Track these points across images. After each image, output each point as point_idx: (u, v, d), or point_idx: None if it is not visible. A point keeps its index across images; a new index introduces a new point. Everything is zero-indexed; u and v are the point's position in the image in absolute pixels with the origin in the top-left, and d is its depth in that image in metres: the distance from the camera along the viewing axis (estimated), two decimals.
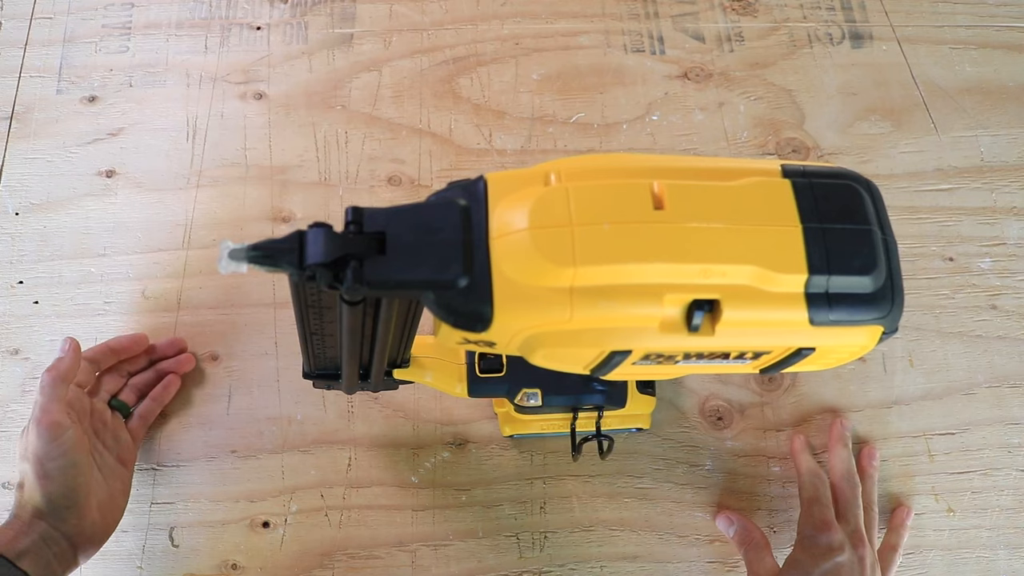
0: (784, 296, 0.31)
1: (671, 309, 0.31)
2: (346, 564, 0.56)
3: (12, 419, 0.60)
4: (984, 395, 0.60)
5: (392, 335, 0.40)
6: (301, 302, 0.37)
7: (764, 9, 0.74)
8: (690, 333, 0.31)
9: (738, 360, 0.34)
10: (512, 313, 0.30)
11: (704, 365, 0.35)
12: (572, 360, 0.34)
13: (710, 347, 0.32)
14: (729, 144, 0.68)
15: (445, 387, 0.51)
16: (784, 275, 0.31)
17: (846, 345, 0.34)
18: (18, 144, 0.68)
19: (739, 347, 0.33)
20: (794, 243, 0.31)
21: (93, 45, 0.72)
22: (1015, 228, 0.65)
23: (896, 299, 0.34)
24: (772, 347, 0.33)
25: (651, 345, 0.32)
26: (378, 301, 0.35)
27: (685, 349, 0.32)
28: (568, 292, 0.30)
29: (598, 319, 0.31)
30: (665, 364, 0.34)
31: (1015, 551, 0.56)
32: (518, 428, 0.56)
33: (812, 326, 0.32)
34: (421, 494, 0.57)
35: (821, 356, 0.34)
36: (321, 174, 0.67)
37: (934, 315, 0.63)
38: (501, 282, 0.30)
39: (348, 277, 0.30)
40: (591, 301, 0.30)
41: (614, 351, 0.32)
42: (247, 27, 0.73)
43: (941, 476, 0.58)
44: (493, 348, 0.33)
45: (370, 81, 0.70)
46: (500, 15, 0.73)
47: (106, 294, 0.63)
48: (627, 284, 0.30)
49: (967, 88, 0.70)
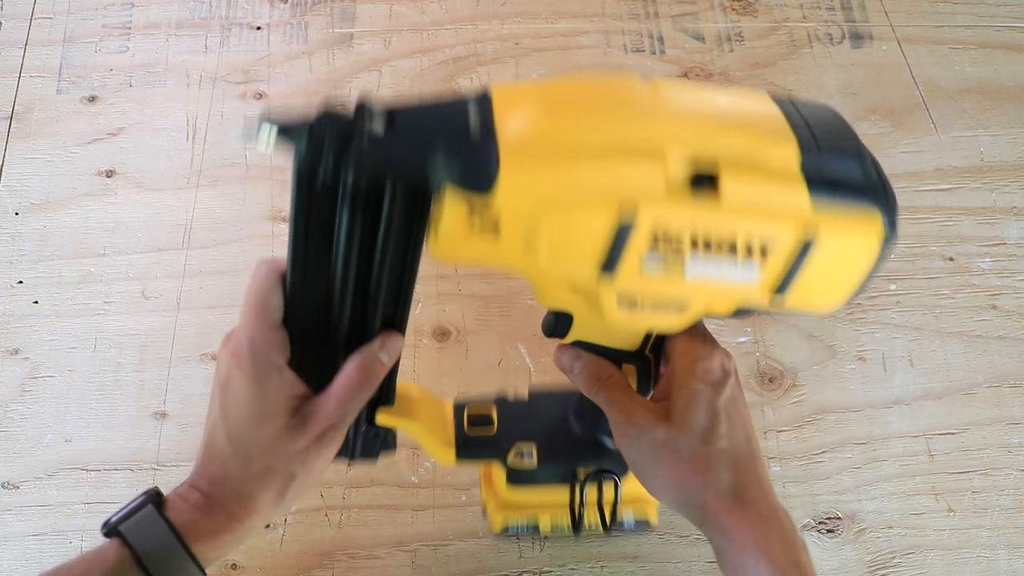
0: (781, 172, 0.33)
1: (674, 168, 0.32)
2: (346, 564, 0.56)
3: (12, 419, 0.60)
4: (984, 395, 0.60)
5: (391, 256, 0.37)
6: (300, 206, 0.34)
7: (764, 9, 0.74)
8: (695, 197, 0.32)
9: (747, 265, 0.34)
10: (518, 162, 0.31)
11: (714, 275, 0.35)
12: (581, 239, 0.33)
13: (716, 220, 0.33)
14: None
15: (430, 443, 0.47)
16: (775, 147, 0.33)
17: (849, 245, 0.35)
18: (18, 144, 0.68)
19: (745, 229, 0.33)
20: (781, 125, 0.34)
21: (93, 45, 0.72)
22: (1015, 228, 0.65)
23: (889, 193, 0.35)
24: (777, 234, 0.34)
25: (658, 209, 0.32)
26: (376, 212, 0.34)
27: (692, 219, 0.33)
28: (574, 146, 0.31)
29: (604, 169, 0.32)
30: (673, 268, 0.34)
31: (1015, 551, 0.56)
32: (511, 515, 0.50)
33: (813, 207, 0.33)
34: (421, 494, 0.57)
35: (826, 264, 0.35)
36: None
37: (934, 315, 0.63)
38: (506, 137, 0.31)
39: (358, 140, 0.30)
40: (597, 150, 0.31)
41: (622, 223, 0.32)
42: (247, 27, 0.73)
43: (941, 476, 0.58)
44: (498, 235, 0.33)
45: (370, 81, 0.70)
46: (500, 15, 0.73)
47: (106, 294, 0.63)
48: (630, 136, 0.32)
49: (967, 88, 0.70)
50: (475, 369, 0.61)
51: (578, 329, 0.42)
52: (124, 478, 0.58)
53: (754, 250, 0.34)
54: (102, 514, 0.57)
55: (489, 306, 0.62)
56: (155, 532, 0.38)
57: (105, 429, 0.59)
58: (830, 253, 0.35)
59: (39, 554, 0.56)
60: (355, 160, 0.31)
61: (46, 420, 0.59)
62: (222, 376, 0.40)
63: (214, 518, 0.39)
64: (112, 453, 0.58)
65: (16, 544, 0.56)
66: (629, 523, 0.51)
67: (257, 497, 0.39)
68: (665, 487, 0.41)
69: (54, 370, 0.61)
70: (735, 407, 0.41)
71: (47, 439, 0.59)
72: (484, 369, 0.61)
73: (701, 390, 0.40)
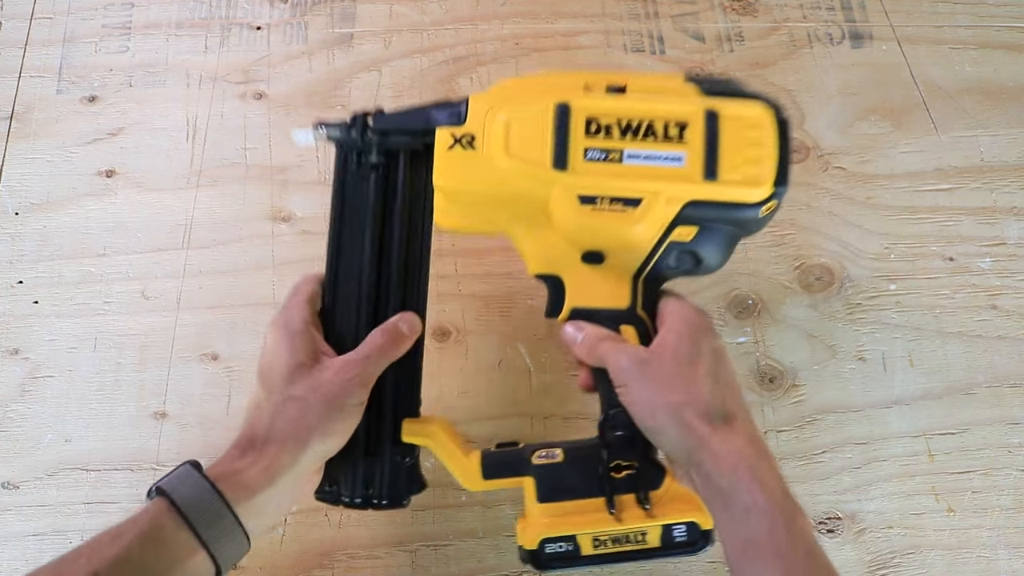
0: (674, 83, 0.46)
1: (592, 84, 0.46)
2: (346, 564, 0.56)
3: (12, 419, 0.60)
4: (984, 395, 0.60)
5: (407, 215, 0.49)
6: (338, 185, 0.50)
7: (764, 9, 0.74)
8: (609, 94, 0.45)
9: (673, 150, 0.44)
10: (479, 96, 0.47)
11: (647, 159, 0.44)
12: (532, 132, 0.45)
13: (629, 105, 0.44)
14: None
15: (455, 459, 0.48)
16: (670, 77, 0.47)
17: (747, 118, 0.44)
18: (18, 144, 0.68)
19: (656, 111, 0.44)
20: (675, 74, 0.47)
21: (93, 45, 0.72)
22: (1015, 228, 0.65)
23: (770, 98, 0.45)
24: (683, 112, 0.44)
25: (582, 99, 0.45)
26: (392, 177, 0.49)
27: (610, 107, 0.45)
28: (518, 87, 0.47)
29: (541, 87, 0.46)
30: (612, 156, 0.44)
31: (1015, 551, 0.56)
32: (545, 531, 0.46)
33: (704, 95, 0.45)
34: (421, 494, 0.57)
35: (737, 137, 0.44)
36: (321, 174, 0.67)
37: (934, 315, 0.63)
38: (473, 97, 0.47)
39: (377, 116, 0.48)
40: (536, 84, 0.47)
41: (559, 108, 0.44)
42: (247, 27, 0.73)
43: (941, 476, 0.58)
44: (475, 149, 0.45)
45: (370, 81, 0.70)
46: (500, 15, 0.73)
47: (106, 294, 0.63)
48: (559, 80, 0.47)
49: (967, 88, 0.70)
50: (475, 369, 0.61)
51: (571, 293, 0.48)
52: (124, 478, 0.58)
53: (671, 130, 0.44)
54: (102, 514, 0.57)
55: (489, 306, 0.62)
56: (190, 482, 0.41)
57: (105, 429, 0.59)
58: (735, 127, 0.44)
59: (39, 554, 0.56)
60: (376, 125, 0.48)
61: (46, 420, 0.59)
62: (264, 345, 0.47)
63: (243, 460, 0.43)
64: (112, 453, 0.58)
65: (16, 544, 0.56)
66: (680, 532, 0.45)
67: (279, 427, 0.43)
68: (648, 401, 0.43)
69: (54, 370, 0.61)
70: (721, 355, 0.45)
71: (47, 439, 0.59)
72: (484, 369, 0.61)
73: (687, 330, 0.45)
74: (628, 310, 0.47)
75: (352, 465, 0.48)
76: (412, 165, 0.49)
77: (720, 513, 0.41)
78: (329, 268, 0.50)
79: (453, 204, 0.48)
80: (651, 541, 0.45)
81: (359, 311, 0.49)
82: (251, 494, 0.41)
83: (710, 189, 0.44)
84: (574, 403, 0.60)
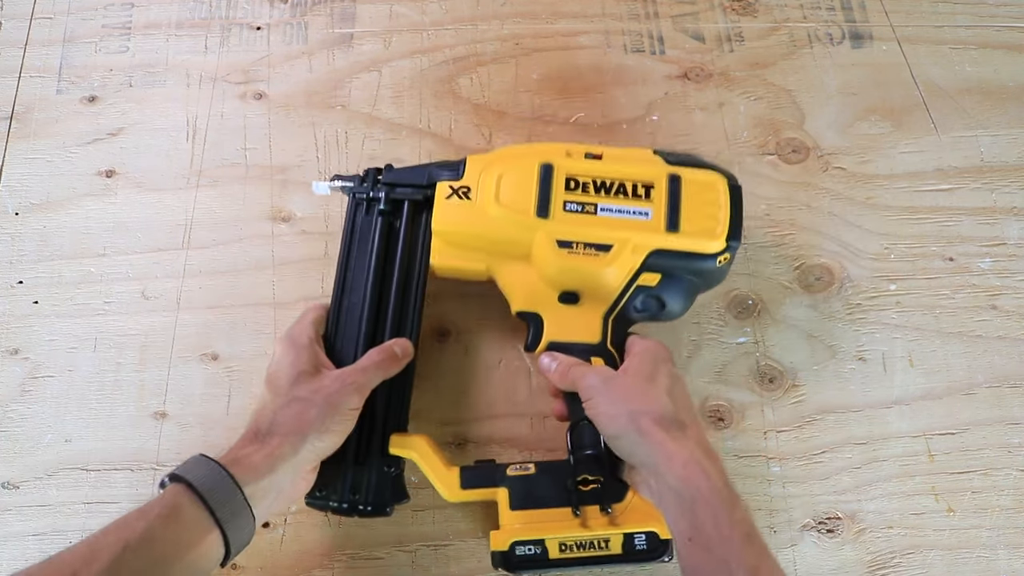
0: (643, 154, 0.55)
1: (572, 152, 0.54)
2: (346, 564, 0.56)
3: (12, 419, 0.60)
4: (984, 395, 0.60)
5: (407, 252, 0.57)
6: (349, 226, 0.58)
7: (764, 9, 0.74)
8: (587, 160, 0.54)
9: (640, 206, 0.52)
10: (476, 158, 0.55)
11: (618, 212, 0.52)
12: (519, 187, 0.53)
13: (604, 169, 0.53)
14: (729, 144, 0.68)
15: (436, 470, 0.53)
16: (639, 149, 0.56)
17: (704, 184, 0.53)
18: (18, 144, 0.68)
19: (626, 174, 0.53)
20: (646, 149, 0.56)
21: (93, 45, 0.72)
22: (1015, 228, 0.65)
23: (725, 170, 0.54)
24: (650, 176, 0.53)
25: (564, 161, 0.53)
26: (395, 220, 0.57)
27: (587, 169, 0.53)
28: (508, 154, 0.56)
29: (527, 154, 0.55)
30: (588, 208, 0.52)
31: (1015, 551, 0.56)
32: (516, 536, 0.50)
33: (668, 164, 0.54)
34: (421, 494, 0.57)
35: (695, 197, 0.52)
36: (321, 174, 0.67)
37: (934, 315, 0.63)
38: (473, 159, 0.56)
39: (386, 171, 0.58)
40: (523, 151, 0.56)
41: (543, 167, 0.53)
42: (247, 27, 0.73)
43: (941, 476, 0.58)
44: (471, 200, 0.54)
45: (370, 81, 0.70)
46: (500, 15, 0.73)
47: (106, 294, 0.63)
48: (543, 149, 0.55)
49: (967, 88, 0.70)
50: (475, 369, 0.61)
51: (549, 329, 0.54)
52: (124, 478, 0.58)
53: (639, 189, 0.52)
54: (102, 514, 0.57)
55: (489, 306, 0.62)
56: (203, 466, 0.45)
57: (105, 429, 0.59)
58: (694, 190, 0.52)
59: (39, 554, 0.55)
60: (385, 179, 0.57)
61: (46, 420, 0.59)
62: (272, 357, 0.53)
63: (249, 447, 0.47)
64: (112, 453, 0.58)
65: (16, 544, 0.56)
66: (640, 540, 0.49)
67: (281, 421, 0.48)
68: (611, 410, 0.48)
69: (54, 370, 0.61)
70: (678, 378, 0.51)
71: (47, 439, 0.59)
72: (484, 369, 0.61)
73: (648, 356, 0.51)
74: (599, 344, 0.53)
75: (342, 472, 0.52)
76: (413, 214, 0.57)
77: (673, 509, 0.45)
78: (335, 296, 0.56)
79: (448, 246, 0.55)
80: (613, 548, 0.49)
81: (359, 335, 0.55)
82: (256, 477, 0.45)
83: (672, 240, 0.51)
84: None
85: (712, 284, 0.56)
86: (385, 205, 0.56)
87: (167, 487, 0.44)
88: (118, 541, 0.40)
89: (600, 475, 0.51)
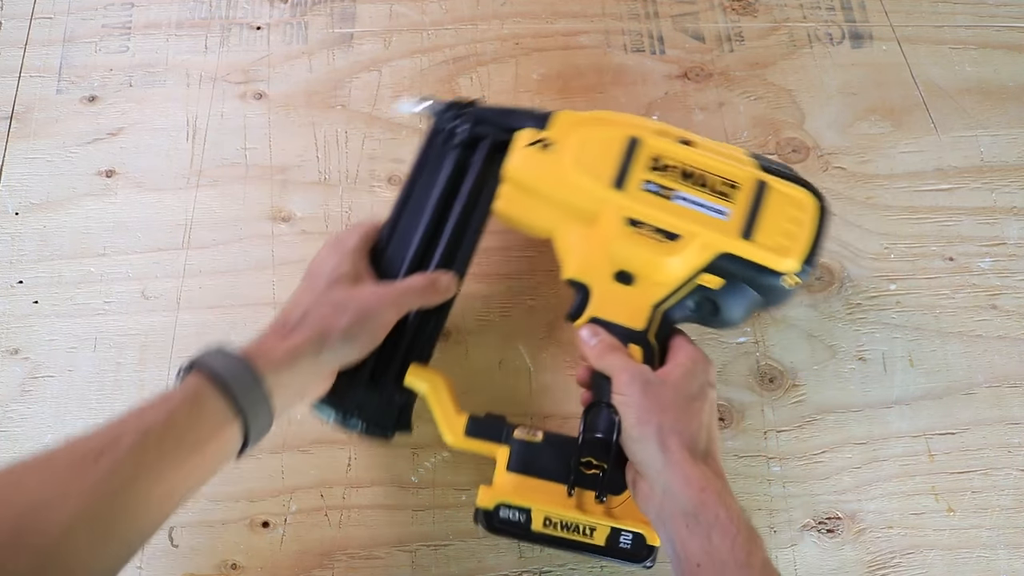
0: (736, 153, 0.52)
1: (665, 132, 0.53)
2: (346, 564, 0.56)
3: (12, 419, 0.60)
4: (984, 395, 0.60)
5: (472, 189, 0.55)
6: (424, 151, 0.57)
7: (764, 9, 0.74)
8: (678, 143, 0.52)
9: (719, 204, 0.50)
10: (561, 112, 0.54)
11: (694, 203, 0.50)
12: (601, 152, 0.51)
13: (693, 156, 0.51)
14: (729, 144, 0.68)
15: (444, 411, 0.52)
16: (733, 148, 0.53)
17: (792, 200, 0.50)
18: (18, 144, 0.68)
19: (714, 167, 0.50)
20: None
21: (93, 45, 0.72)
22: (1015, 228, 0.65)
23: (822, 195, 0.51)
24: (738, 175, 0.50)
25: (654, 139, 0.51)
26: (469, 159, 0.55)
27: (676, 153, 0.51)
28: (598, 117, 0.54)
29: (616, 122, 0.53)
30: (665, 192, 0.50)
31: (1015, 551, 0.56)
32: (506, 498, 0.49)
33: (761, 169, 0.51)
34: (421, 494, 0.57)
35: (779, 211, 0.49)
36: (321, 174, 0.67)
37: (934, 315, 0.63)
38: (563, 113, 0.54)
39: (475, 107, 0.56)
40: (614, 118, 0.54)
41: (631, 139, 0.51)
42: (247, 27, 0.73)
43: (941, 476, 0.58)
44: (550, 151, 0.52)
45: (370, 81, 0.70)
46: (500, 15, 0.73)
47: (106, 294, 0.63)
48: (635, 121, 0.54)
49: (967, 88, 0.70)
50: (475, 369, 0.61)
51: (595, 303, 0.51)
52: None
53: (723, 187, 0.50)
54: None
55: (489, 306, 0.62)
56: (222, 356, 0.44)
57: None
58: (780, 201, 0.49)
59: None
60: (472, 115, 0.55)
61: (46, 420, 0.59)
62: (317, 254, 0.53)
63: (272, 340, 0.47)
64: None
65: None
66: (626, 539, 0.48)
67: (310, 319, 0.47)
68: (641, 415, 0.46)
69: (54, 370, 0.61)
70: (714, 406, 0.49)
71: (47, 439, 0.59)
72: (484, 369, 0.61)
73: (695, 371, 0.48)
74: (641, 332, 0.51)
75: (353, 386, 0.51)
76: (491, 155, 0.55)
77: (681, 531, 0.43)
78: (393, 214, 0.55)
79: (516, 194, 0.53)
80: (597, 539, 0.48)
81: (406, 257, 0.54)
82: (276, 368, 0.44)
83: (744, 247, 0.49)
84: (573, 403, 0.60)
85: (773, 304, 0.53)
86: (464, 137, 0.55)
87: (189, 375, 0.43)
88: (140, 426, 0.40)
89: (605, 462, 0.49)
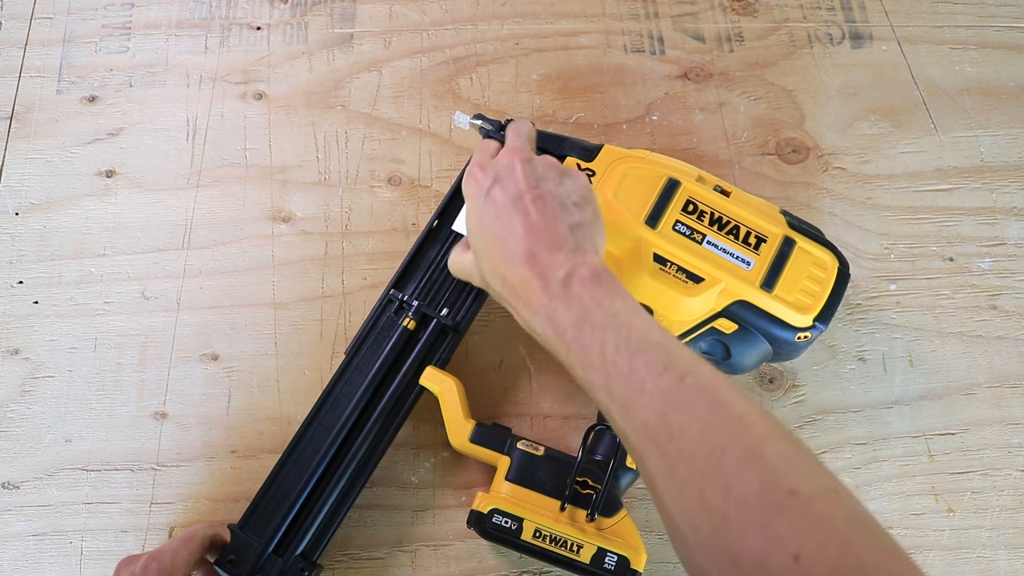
0: (769, 208, 0.55)
1: (703, 180, 0.55)
2: (346, 564, 0.56)
3: (12, 419, 0.60)
4: (984, 395, 0.60)
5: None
6: None
7: (764, 9, 0.74)
8: (714, 191, 0.54)
9: (745, 253, 0.52)
10: (609, 148, 0.56)
11: (722, 249, 0.52)
12: (640, 189, 0.53)
13: (726, 206, 0.53)
14: (729, 144, 0.68)
15: (454, 412, 0.54)
16: (767, 204, 0.55)
17: (816, 259, 0.52)
18: (18, 144, 0.68)
19: (745, 219, 0.53)
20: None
21: (93, 45, 0.72)
22: (1015, 228, 0.65)
23: (844, 259, 0.53)
24: (767, 230, 0.52)
25: (691, 185, 0.54)
26: None
27: (710, 200, 0.53)
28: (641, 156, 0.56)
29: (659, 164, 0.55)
30: (695, 235, 0.52)
31: (1015, 551, 0.56)
32: (501, 505, 0.51)
33: (791, 227, 0.53)
34: (421, 494, 0.57)
35: (801, 267, 0.52)
36: (321, 174, 0.67)
37: (934, 315, 0.63)
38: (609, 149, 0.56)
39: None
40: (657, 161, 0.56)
41: (670, 181, 0.53)
42: (247, 27, 0.73)
43: (941, 476, 0.58)
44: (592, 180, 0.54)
45: (370, 81, 0.70)
46: (500, 15, 0.73)
47: (106, 294, 0.63)
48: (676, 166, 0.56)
49: (967, 88, 0.70)
50: (475, 369, 0.61)
51: None
52: (124, 478, 0.58)
53: (751, 239, 0.52)
54: (102, 514, 0.57)
55: (489, 306, 0.62)
56: None
57: (105, 429, 0.59)
58: (803, 259, 0.52)
59: (39, 554, 0.56)
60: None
61: (46, 420, 0.59)
62: None
63: None
64: (112, 453, 0.58)
65: (16, 544, 0.56)
66: (611, 560, 0.50)
67: None
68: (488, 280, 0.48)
69: (54, 370, 0.61)
70: (537, 201, 0.47)
71: (47, 439, 0.59)
72: (484, 369, 0.61)
73: (476, 185, 0.49)
74: None
75: (255, 549, 0.51)
76: None
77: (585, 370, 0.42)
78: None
79: None
80: (583, 557, 0.50)
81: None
82: None
83: (762, 297, 0.51)
84: (574, 403, 0.60)
85: (783, 357, 0.55)
86: None
87: None
88: None
89: (600, 485, 0.51)
